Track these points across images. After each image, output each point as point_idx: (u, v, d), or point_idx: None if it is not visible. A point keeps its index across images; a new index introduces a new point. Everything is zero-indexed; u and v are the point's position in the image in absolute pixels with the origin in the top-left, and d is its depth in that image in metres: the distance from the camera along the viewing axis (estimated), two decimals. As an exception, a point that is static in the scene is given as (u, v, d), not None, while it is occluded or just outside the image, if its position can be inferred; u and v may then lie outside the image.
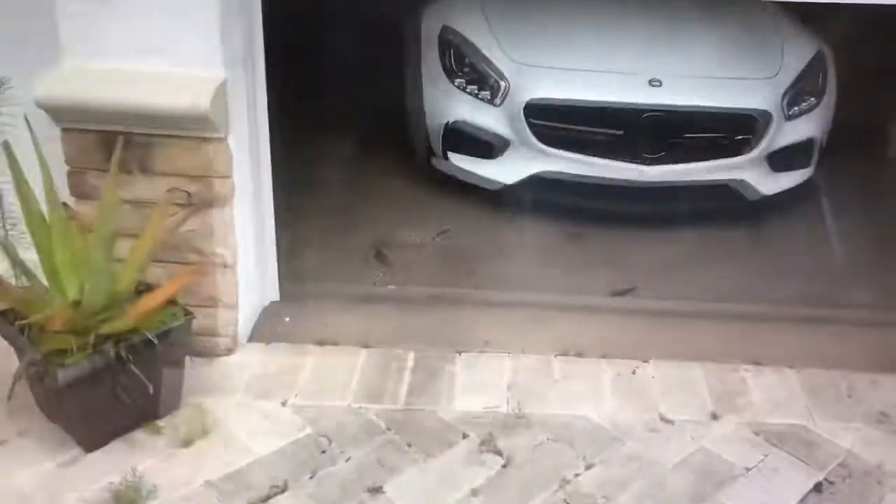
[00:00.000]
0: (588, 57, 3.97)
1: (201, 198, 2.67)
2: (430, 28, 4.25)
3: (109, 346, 2.35)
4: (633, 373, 2.93)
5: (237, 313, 2.87)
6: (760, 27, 4.29)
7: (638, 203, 3.96)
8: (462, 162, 4.09)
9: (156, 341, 2.41)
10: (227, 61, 2.59)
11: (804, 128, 4.05)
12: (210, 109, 2.49)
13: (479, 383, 2.85)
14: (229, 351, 2.89)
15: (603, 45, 4.06)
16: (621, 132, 3.84)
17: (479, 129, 3.99)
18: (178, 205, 2.65)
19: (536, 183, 3.96)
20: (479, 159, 4.05)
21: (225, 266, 2.77)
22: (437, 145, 4.13)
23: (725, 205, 4.06)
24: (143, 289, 2.54)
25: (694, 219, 4.00)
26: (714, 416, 2.74)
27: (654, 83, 3.83)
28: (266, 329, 3.05)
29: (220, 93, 2.55)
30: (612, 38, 4.10)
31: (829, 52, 4.29)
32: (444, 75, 4.08)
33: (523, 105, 3.85)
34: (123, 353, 2.36)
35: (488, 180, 4.03)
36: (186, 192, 2.61)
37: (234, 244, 2.78)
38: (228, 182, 2.69)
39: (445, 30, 4.13)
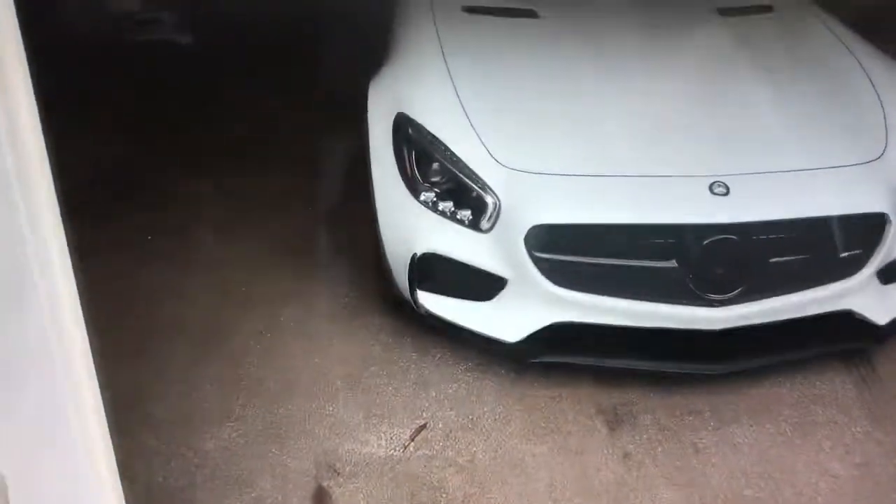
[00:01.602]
0: (615, 153, 2.67)
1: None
2: (379, 113, 2.94)
3: None
4: None
5: None
6: (849, 81, 3.01)
7: (704, 360, 2.68)
8: (439, 307, 2.81)
9: None
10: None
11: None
12: None
13: None
14: None
15: (635, 133, 2.74)
16: (673, 264, 2.57)
17: (460, 264, 2.71)
18: None
19: (554, 334, 2.69)
20: (462, 302, 2.78)
21: None
22: (403, 282, 2.85)
23: (824, 348, 2.81)
24: None
25: (779, 372, 2.75)
26: None
27: (718, 189, 2.55)
28: None
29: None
30: (648, 121, 2.78)
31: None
32: (403, 186, 2.79)
33: (524, 233, 2.58)
34: None
35: (479, 335, 2.76)
36: None
37: None
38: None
39: (402, 120, 2.82)
